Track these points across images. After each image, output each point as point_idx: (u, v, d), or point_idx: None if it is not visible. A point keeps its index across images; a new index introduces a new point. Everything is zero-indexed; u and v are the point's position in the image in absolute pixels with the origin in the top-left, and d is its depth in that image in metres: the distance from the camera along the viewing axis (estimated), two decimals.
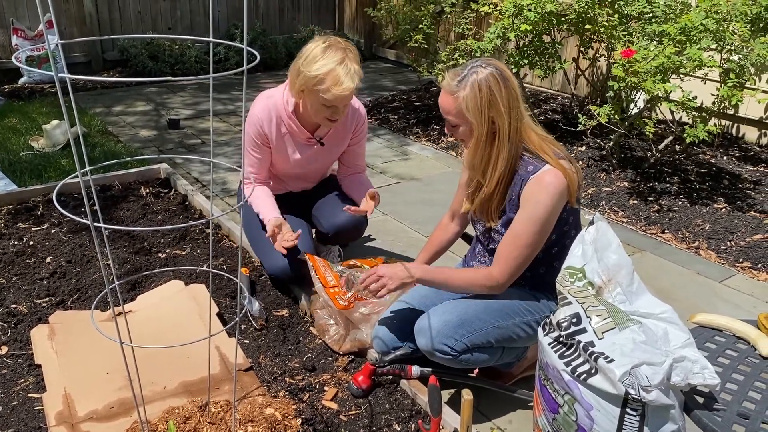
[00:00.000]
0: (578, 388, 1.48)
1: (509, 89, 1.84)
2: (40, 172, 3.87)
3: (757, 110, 4.54)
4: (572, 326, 1.52)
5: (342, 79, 2.30)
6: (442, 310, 1.97)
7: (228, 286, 2.72)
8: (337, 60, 2.31)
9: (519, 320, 1.98)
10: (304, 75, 2.35)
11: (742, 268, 3.13)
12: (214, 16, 7.15)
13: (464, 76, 1.85)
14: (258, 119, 2.54)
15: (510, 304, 1.99)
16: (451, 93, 1.87)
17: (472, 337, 1.92)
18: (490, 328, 1.93)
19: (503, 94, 1.83)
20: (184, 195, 3.55)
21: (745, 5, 3.47)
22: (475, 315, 1.94)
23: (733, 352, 1.69)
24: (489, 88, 1.82)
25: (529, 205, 1.87)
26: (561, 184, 1.84)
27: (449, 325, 1.91)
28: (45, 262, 2.84)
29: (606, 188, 3.96)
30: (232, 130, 5.03)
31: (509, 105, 1.83)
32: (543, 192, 1.84)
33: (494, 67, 1.84)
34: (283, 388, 2.14)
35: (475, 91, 1.82)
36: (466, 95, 1.83)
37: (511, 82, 1.86)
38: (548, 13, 4.10)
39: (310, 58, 2.35)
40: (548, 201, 1.84)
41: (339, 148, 2.73)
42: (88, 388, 2.07)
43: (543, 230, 1.89)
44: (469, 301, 1.99)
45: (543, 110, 5.42)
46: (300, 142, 2.63)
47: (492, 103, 1.83)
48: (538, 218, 1.87)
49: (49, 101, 5.49)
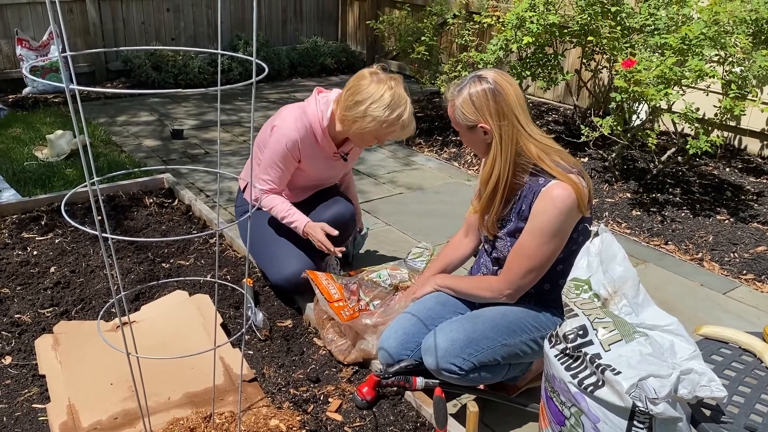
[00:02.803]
0: (585, 400, 1.48)
1: (499, 103, 1.91)
2: (45, 182, 3.88)
3: (759, 122, 4.55)
4: (579, 338, 1.52)
5: (408, 125, 2.50)
6: (448, 328, 1.96)
7: (232, 296, 2.72)
8: (404, 98, 2.47)
9: (526, 337, 1.98)
10: (372, 117, 2.44)
11: (746, 279, 3.13)
12: (217, 27, 7.19)
13: (460, 87, 1.96)
14: (295, 137, 2.56)
15: (517, 321, 1.99)
16: (451, 101, 1.99)
17: (479, 356, 1.91)
18: (497, 346, 1.93)
19: (491, 107, 1.90)
20: (188, 205, 3.56)
21: (745, 13, 3.48)
22: (482, 333, 1.93)
23: (739, 365, 1.69)
24: (478, 100, 1.91)
25: (535, 217, 1.89)
26: (569, 197, 1.84)
27: (456, 344, 1.90)
28: (49, 272, 2.85)
29: (609, 199, 3.96)
30: (237, 140, 5.04)
31: (498, 117, 1.90)
32: (549, 205, 1.85)
33: (489, 82, 1.91)
34: (288, 400, 2.14)
35: (467, 101, 1.93)
36: (459, 104, 1.95)
37: (504, 97, 1.91)
38: (550, 25, 4.12)
39: (380, 103, 2.43)
40: (554, 214, 1.85)
41: (355, 160, 2.88)
42: (92, 399, 2.06)
43: (548, 243, 1.89)
44: (475, 319, 1.98)
45: (545, 121, 5.43)
46: (327, 156, 2.69)
47: (481, 113, 1.92)
48: (542, 230, 1.88)
49: (53, 111, 5.51)
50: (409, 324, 2.14)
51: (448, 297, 2.20)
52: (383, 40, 6.62)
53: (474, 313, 2.01)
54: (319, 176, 2.76)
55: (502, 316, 1.98)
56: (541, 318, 2.03)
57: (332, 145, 2.64)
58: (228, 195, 3.95)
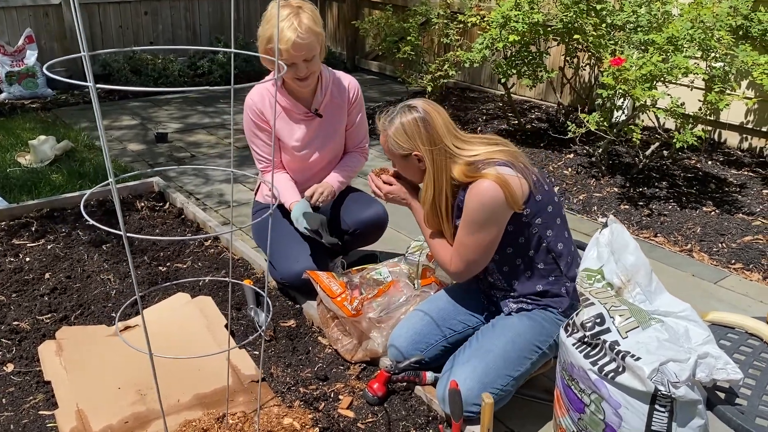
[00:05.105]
0: (605, 386, 1.51)
1: (429, 131, 1.99)
2: (31, 188, 3.81)
3: (738, 116, 4.66)
4: (596, 326, 1.55)
5: (284, 33, 2.36)
6: (462, 375, 1.94)
7: (232, 297, 2.70)
8: (283, 16, 2.38)
9: (535, 357, 2.01)
10: (260, 39, 2.46)
11: (735, 269, 3.20)
12: (196, 30, 7.14)
13: (392, 118, 2.04)
14: (251, 101, 2.62)
15: (526, 344, 1.99)
16: (383, 131, 2.08)
17: (495, 398, 1.92)
18: (510, 380, 1.95)
19: (423, 134, 1.99)
20: (180, 208, 3.53)
21: (730, 17, 3.57)
22: (495, 373, 1.93)
23: (747, 348, 1.74)
24: (410, 128, 1.99)
25: (464, 210, 1.96)
26: (491, 190, 1.88)
27: (472, 394, 1.89)
28: (44, 279, 2.80)
29: (597, 194, 4.02)
30: (223, 142, 5.01)
31: (430, 143, 1.98)
32: (473, 199, 1.92)
33: (419, 111, 2.00)
34: (298, 398, 2.14)
35: (399, 130, 2.01)
36: (391, 134, 2.03)
37: (433, 124, 1.98)
38: (535, 24, 4.17)
39: (263, 20, 2.46)
40: (477, 207, 1.91)
41: (339, 119, 2.74)
42: (100, 404, 2.04)
43: (477, 233, 1.94)
44: (487, 356, 1.96)
45: (529, 119, 5.49)
46: (298, 118, 2.66)
47: (413, 141, 2.00)
48: (468, 222, 1.95)
49: (32, 117, 5.42)
50: (421, 324, 2.15)
51: (460, 297, 2.22)
52: (365, 41, 6.63)
53: (485, 347, 2.00)
54: (306, 142, 2.68)
55: (513, 344, 1.98)
56: (545, 327, 2.04)
57: (297, 104, 2.63)
58: (218, 198, 3.92)
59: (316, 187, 2.63)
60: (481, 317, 2.20)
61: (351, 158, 2.84)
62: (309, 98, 2.65)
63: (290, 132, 2.67)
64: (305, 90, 2.61)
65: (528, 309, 2.07)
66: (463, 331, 2.19)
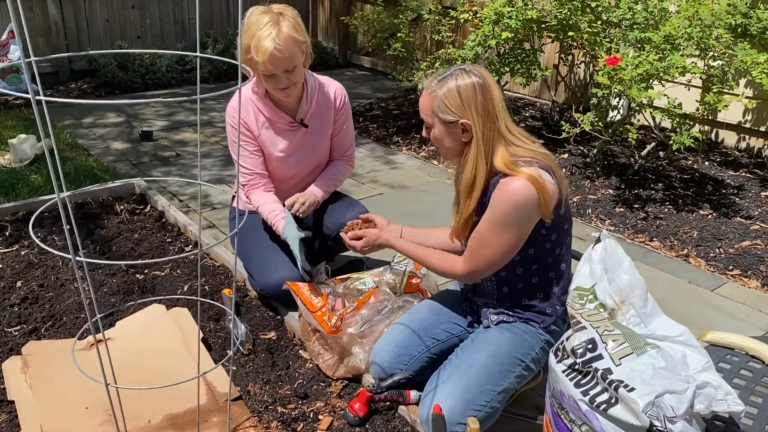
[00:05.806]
0: (597, 418, 1.41)
1: (487, 100, 1.78)
2: (8, 190, 3.69)
3: (735, 115, 4.56)
4: (588, 353, 1.45)
5: (262, 43, 2.22)
6: (444, 393, 1.83)
7: (211, 308, 2.59)
8: (262, 24, 2.24)
9: (518, 370, 1.89)
10: (242, 49, 2.27)
11: (732, 275, 3.10)
12: (184, 24, 7.00)
13: (445, 77, 1.81)
14: (233, 109, 2.50)
15: (508, 358, 1.88)
16: (429, 92, 1.83)
17: (480, 415, 1.82)
18: (494, 395, 1.83)
19: (479, 102, 1.77)
20: (161, 211, 3.41)
21: (729, 14, 3.47)
22: (478, 388, 1.82)
23: (748, 372, 1.64)
24: (466, 93, 1.77)
25: (491, 206, 1.79)
26: (526, 191, 1.72)
27: (455, 412, 1.78)
28: (15, 287, 2.69)
29: (591, 196, 3.92)
30: (209, 141, 4.89)
31: (485, 115, 1.77)
32: (504, 196, 1.75)
33: (477, 76, 1.79)
34: (275, 418, 2.03)
35: (453, 93, 1.77)
36: (442, 95, 1.79)
37: (491, 94, 1.79)
38: (528, 20, 4.06)
39: (243, 30, 2.27)
40: (507, 206, 1.75)
41: (325, 128, 2.62)
42: (66, 425, 1.93)
43: (502, 234, 1.79)
44: (468, 371, 1.85)
45: (523, 117, 5.38)
46: (282, 128, 2.54)
47: (467, 108, 1.77)
48: (496, 221, 1.78)
49: (15, 114, 5.29)
50: (402, 336, 2.04)
51: (441, 306, 2.12)
52: (356, 36, 6.51)
53: (466, 362, 1.88)
54: (291, 153, 2.58)
55: (494, 358, 1.87)
56: (527, 339, 1.93)
57: (281, 114, 2.51)
58: (203, 199, 3.81)
59: (298, 197, 2.51)
60: (464, 324, 2.10)
61: (336, 166, 2.71)
62: (294, 107, 2.53)
63: (274, 142, 2.55)
64: (289, 100, 2.48)
65: (508, 321, 1.97)
66: (447, 339, 2.08)
